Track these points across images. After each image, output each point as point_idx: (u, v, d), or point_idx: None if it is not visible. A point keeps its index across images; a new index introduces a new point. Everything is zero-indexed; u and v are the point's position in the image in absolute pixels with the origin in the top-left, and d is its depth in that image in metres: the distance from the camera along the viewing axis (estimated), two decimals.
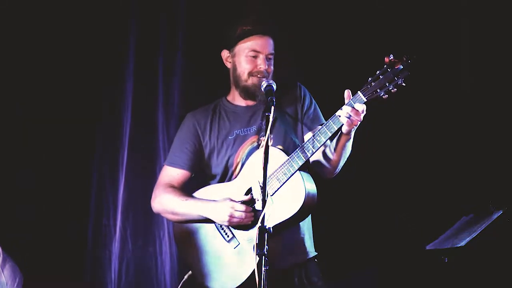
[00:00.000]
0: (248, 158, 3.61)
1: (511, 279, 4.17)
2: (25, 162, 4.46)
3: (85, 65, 4.55)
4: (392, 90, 3.22)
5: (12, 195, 4.38)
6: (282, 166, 3.44)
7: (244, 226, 3.51)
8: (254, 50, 3.61)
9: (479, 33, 4.70)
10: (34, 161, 4.47)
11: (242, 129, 3.69)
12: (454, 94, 4.75)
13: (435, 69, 4.65)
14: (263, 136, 3.58)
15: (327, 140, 3.38)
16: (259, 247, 2.98)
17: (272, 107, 3.29)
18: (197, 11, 4.76)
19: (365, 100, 3.27)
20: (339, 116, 3.32)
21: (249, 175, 3.54)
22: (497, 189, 4.47)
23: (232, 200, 3.52)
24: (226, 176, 3.68)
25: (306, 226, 3.64)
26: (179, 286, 3.74)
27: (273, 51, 3.66)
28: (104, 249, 4.58)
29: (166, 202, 3.69)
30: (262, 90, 3.51)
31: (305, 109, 3.69)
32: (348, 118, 3.28)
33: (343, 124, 3.32)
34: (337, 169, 3.57)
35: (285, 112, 3.68)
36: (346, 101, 3.32)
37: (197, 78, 4.77)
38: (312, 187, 3.45)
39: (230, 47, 3.69)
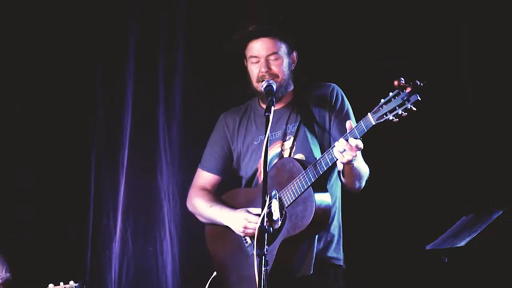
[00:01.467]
0: (271, 164, 3.61)
1: (511, 279, 4.16)
2: (25, 162, 4.46)
3: (85, 65, 4.55)
4: (402, 114, 3.15)
5: (12, 195, 4.38)
6: (297, 180, 3.44)
7: None
8: (252, 56, 3.60)
9: (479, 34, 4.70)
10: (34, 161, 4.47)
11: (265, 135, 3.64)
12: (453, 94, 4.74)
13: (435, 69, 4.64)
14: (286, 141, 3.61)
15: (326, 170, 3.36)
16: (259, 247, 2.99)
17: (272, 107, 3.29)
18: (197, 11, 4.76)
19: (374, 123, 3.20)
20: (333, 148, 3.28)
21: (269, 183, 3.49)
22: (497, 189, 4.47)
23: (248, 211, 3.55)
24: (252, 180, 3.71)
25: (331, 231, 3.63)
26: (207, 286, 3.76)
27: (275, 50, 3.58)
28: (104, 249, 4.58)
29: (196, 205, 3.80)
30: (262, 90, 3.51)
31: (336, 117, 3.62)
32: (342, 153, 3.24)
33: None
34: (356, 188, 3.53)
35: (312, 116, 3.63)
36: (347, 131, 3.26)
37: (197, 78, 4.76)
38: (324, 202, 3.43)
39: (244, 57, 3.69)
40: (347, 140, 3.21)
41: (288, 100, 3.68)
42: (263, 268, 2.96)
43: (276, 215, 3.49)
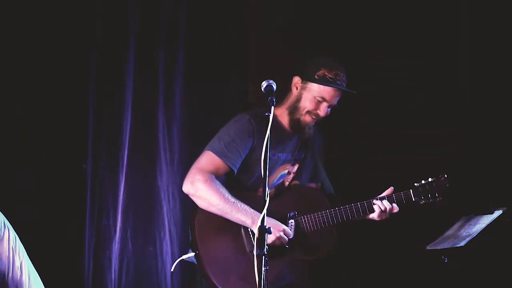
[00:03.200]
0: (279, 180, 3.81)
1: (511, 279, 4.16)
2: (25, 162, 4.46)
3: (85, 65, 4.55)
4: (431, 203, 3.62)
5: (12, 195, 4.38)
6: (324, 213, 3.66)
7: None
8: (323, 98, 3.72)
9: (479, 33, 4.70)
10: (34, 161, 4.47)
11: (283, 154, 3.83)
12: (453, 94, 4.74)
13: (435, 69, 4.65)
14: (293, 166, 3.83)
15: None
16: (259, 247, 2.99)
17: (272, 107, 3.30)
18: (197, 11, 4.76)
19: (413, 200, 3.64)
20: (375, 204, 3.61)
21: (289, 204, 3.72)
22: (497, 189, 4.47)
23: (280, 223, 3.67)
24: (254, 187, 3.79)
25: None
26: (176, 262, 3.76)
27: (336, 103, 3.79)
28: (104, 249, 4.58)
29: (214, 193, 3.72)
30: (262, 90, 3.51)
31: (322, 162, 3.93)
32: (382, 211, 3.58)
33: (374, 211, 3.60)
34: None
35: (313, 151, 3.89)
36: (387, 193, 3.62)
37: (197, 78, 4.77)
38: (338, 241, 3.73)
39: (305, 78, 3.75)
40: (391, 204, 3.45)
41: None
42: (263, 268, 2.96)
43: (290, 235, 3.65)
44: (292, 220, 3.61)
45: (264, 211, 3.04)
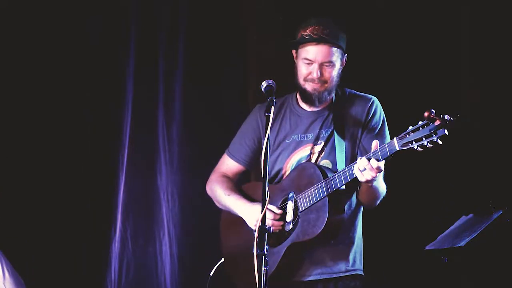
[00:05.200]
0: (297, 165, 3.61)
1: (511, 279, 4.17)
2: (25, 162, 4.46)
3: (85, 65, 4.55)
4: (427, 145, 3.18)
5: (12, 195, 4.38)
6: (314, 188, 3.45)
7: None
8: (307, 58, 3.54)
9: (479, 32, 4.70)
10: (33, 161, 4.47)
11: (299, 135, 3.65)
12: (453, 94, 4.74)
13: (435, 69, 4.65)
14: (317, 145, 3.61)
15: (344, 185, 3.38)
16: (259, 247, 2.99)
17: (272, 107, 3.29)
18: (198, 11, 4.76)
19: (397, 149, 3.23)
20: (354, 165, 3.30)
21: (289, 184, 3.54)
22: (497, 189, 4.47)
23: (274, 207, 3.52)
24: (276, 177, 3.68)
25: (348, 237, 3.58)
26: (212, 272, 3.75)
27: (330, 59, 3.53)
28: (104, 249, 4.58)
29: (215, 191, 3.75)
30: (262, 90, 3.51)
31: (368, 133, 3.60)
32: (362, 171, 3.27)
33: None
34: (369, 206, 3.57)
35: (346, 126, 3.61)
36: (373, 149, 3.29)
37: (197, 78, 4.77)
38: (337, 214, 3.45)
39: (295, 48, 3.63)
40: (369, 160, 3.24)
41: (327, 103, 3.65)
42: (263, 268, 2.96)
43: (289, 217, 3.50)
44: (290, 202, 3.50)
45: (265, 210, 3.03)
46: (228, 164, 3.79)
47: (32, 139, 4.48)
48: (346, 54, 3.62)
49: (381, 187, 3.49)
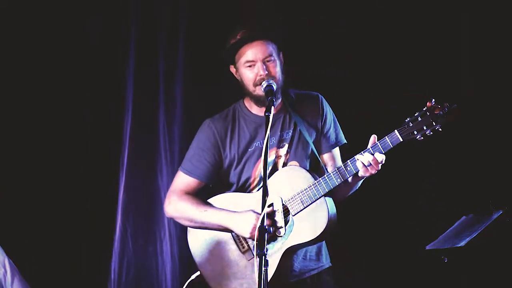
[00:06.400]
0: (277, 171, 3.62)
1: (511, 279, 4.17)
2: (25, 162, 4.46)
3: (85, 65, 4.55)
4: (428, 134, 3.27)
5: (12, 195, 4.38)
6: (308, 189, 3.46)
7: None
8: (248, 61, 3.55)
9: (479, 32, 4.70)
10: (34, 161, 4.47)
11: (261, 141, 3.64)
12: (454, 94, 4.74)
13: (436, 69, 4.65)
14: (281, 148, 3.62)
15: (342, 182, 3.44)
16: (259, 247, 2.99)
17: (272, 107, 3.29)
18: (198, 11, 4.76)
19: (401, 140, 3.31)
20: (357, 160, 3.34)
21: (270, 190, 3.45)
22: (497, 189, 4.47)
23: (256, 212, 3.51)
24: (243, 187, 3.69)
25: None
26: (185, 285, 3.73)
27: (270, 53, 3.54)
28: (104, 249, 4.59)
29: (184, 210, 3.69)
30: (262, 90, 3.51)
31: (325, 129, 3.68)
32: (366, 166, 3.32)
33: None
34: (344, 199, 3.64)
35: (306, 123, 3.65)
36: (369, 145, 3.34)
37: (197, 78, 4.77)
38: (334, 212, 3.50)
39: (232, 62, 3.64)
40: (372, 154, 3.26)
41: (279, 105, 3.66)
42: (263, 268, 2.96)
43: (280, 223, 3.50)
44: (278, 207, 3.47)
45: (265, 210, 3.03)
46: (187, 182, 3.73)
47: (33, 139, 4.49)
48: (281, 52, 3.62)
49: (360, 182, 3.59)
